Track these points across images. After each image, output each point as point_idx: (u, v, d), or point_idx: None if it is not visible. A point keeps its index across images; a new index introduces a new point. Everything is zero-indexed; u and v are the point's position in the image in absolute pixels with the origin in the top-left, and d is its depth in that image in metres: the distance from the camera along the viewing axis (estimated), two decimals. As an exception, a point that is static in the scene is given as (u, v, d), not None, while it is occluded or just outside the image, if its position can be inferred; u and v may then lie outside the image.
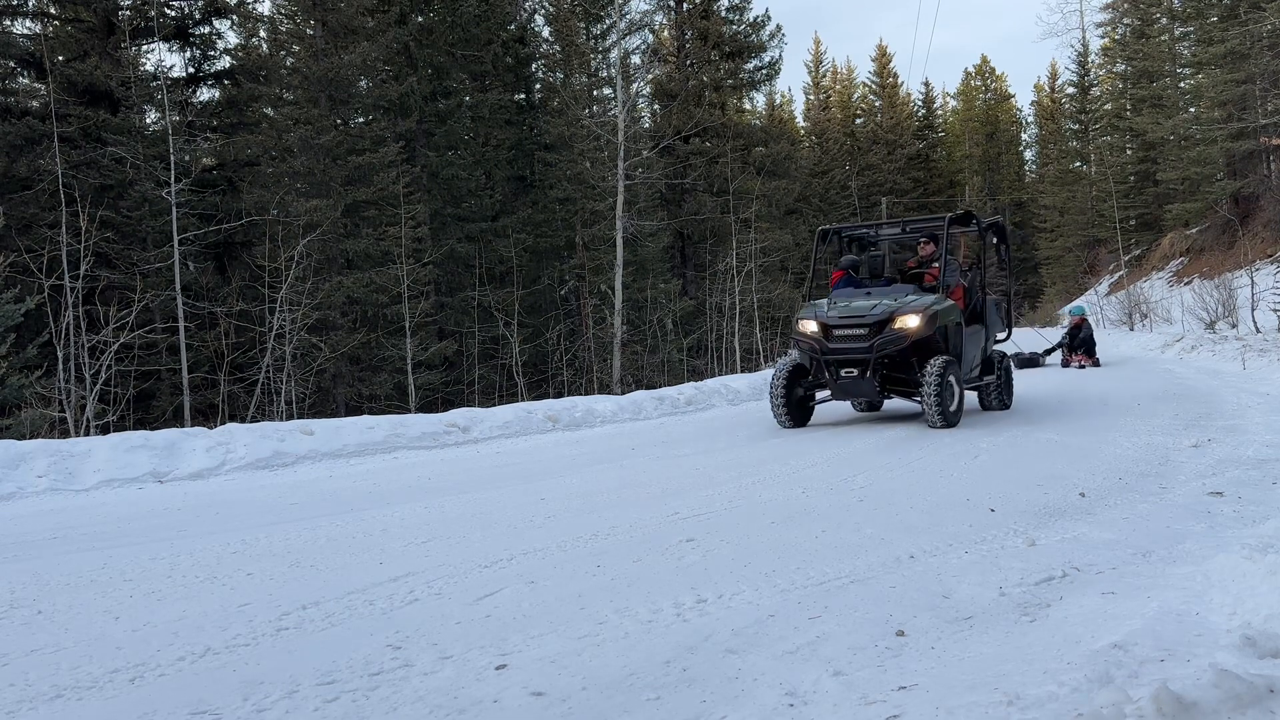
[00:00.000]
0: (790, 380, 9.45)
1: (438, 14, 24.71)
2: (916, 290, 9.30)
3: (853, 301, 9.32)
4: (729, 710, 2.50)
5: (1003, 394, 10.29)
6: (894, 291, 9.36)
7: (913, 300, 9.01)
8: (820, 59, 63.76)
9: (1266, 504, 4.85)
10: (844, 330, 9.04)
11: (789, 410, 9.38)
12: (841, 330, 9.05)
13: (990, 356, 10.16)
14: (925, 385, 8.53)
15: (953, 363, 8.78)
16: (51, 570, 4.33)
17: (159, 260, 16.98)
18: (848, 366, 9.00)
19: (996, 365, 10.20)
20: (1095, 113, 45.04)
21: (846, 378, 9.01)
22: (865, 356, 8.86)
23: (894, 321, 8.83)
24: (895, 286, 9.59)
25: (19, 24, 19.52)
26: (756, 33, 31.31)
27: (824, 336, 9.11)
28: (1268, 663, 2.56)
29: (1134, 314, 26.55)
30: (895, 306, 8.93)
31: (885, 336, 8.79)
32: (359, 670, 2.86)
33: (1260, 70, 25.58)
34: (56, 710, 2.67)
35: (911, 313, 8.83)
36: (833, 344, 9.05)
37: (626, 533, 4.69)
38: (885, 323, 8.87)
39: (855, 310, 9.09)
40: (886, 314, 8.87)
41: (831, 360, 9.07)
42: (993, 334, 10.28)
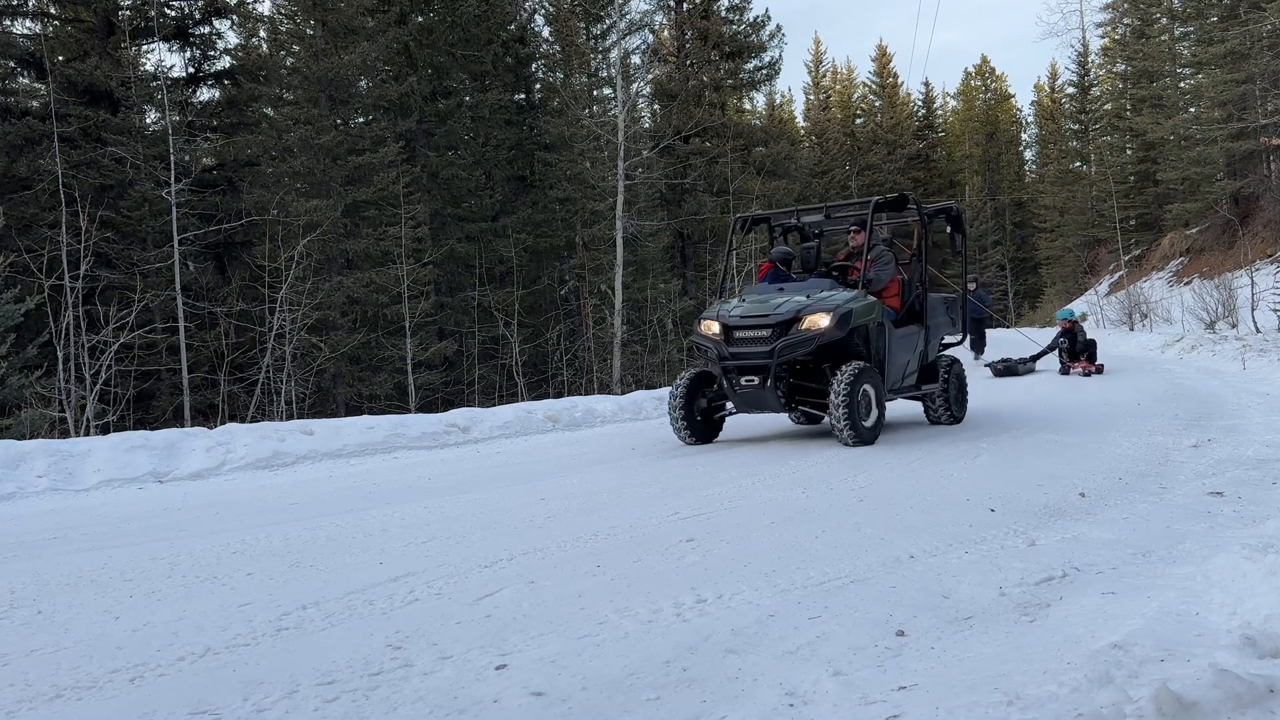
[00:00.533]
0: (693, 389, 8.29)
1: (438, 14, 24.72)
2: (836, 285, 8.18)
3: (761, 299, 8.15)
4: (729, 710, 2.50)
5: (951, 405, 9.03)
6: (810, 287, 8.17)
7: (827, 297, 7.86)
8: (820, 59, 63.78)
9: (1266, 504, 4.85)
10: (745, 332, 7.82)
11: (689, 424, 8.22)
12: (743, 332, 7.83)
13: (935, 362, 9.05)
14: (833, 396, 7.39)
15: (869, 370, 7.63)
16: (51, 570, 4.33)
17: (159, 260, 16.99)
18: (748, 374, 7.78)
19: (943, 372, 9.01)
20: (1095, 113, 45.06)
21: (747, 387, 7.80)
22: (766, 362, 7.65)
23: (801, 322, 7.63)
24: (812, 281, 8.37)
25: (19, 24, 19.53)
26: (756, 33, 31.33)
27: (725, 339, 7.89)
28: (1268, 663, 2.56)
29: (1134, 314, 26.55)
30: (805, 304, 7.75)
31: (789, 339, 7.61)
32: (359, 670, 2.86)
33: (1260, 70, 25.59)
34: (56, 710, 2.67)
35: (821, 311, 7.64)
36: (733, 347, 7.84)
37: (626, 533, 4.69)
38: (791, 323, 7.67)
39: (759, 309, 7.89)
40: (792, 313, 7.69)
41: (731, 366, 7.85)
42: (937, 336, 9.17)
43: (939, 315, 9.20)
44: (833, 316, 7.61)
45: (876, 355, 8.11)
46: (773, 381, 7.71)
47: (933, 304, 9.11)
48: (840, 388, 7.42)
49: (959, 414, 9.20)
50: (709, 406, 8.40)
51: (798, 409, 8.21)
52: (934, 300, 9.21)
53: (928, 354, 8.98)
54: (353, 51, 19.97)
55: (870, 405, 7.67)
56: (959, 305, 9.70)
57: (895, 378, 8.43)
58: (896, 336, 8.39)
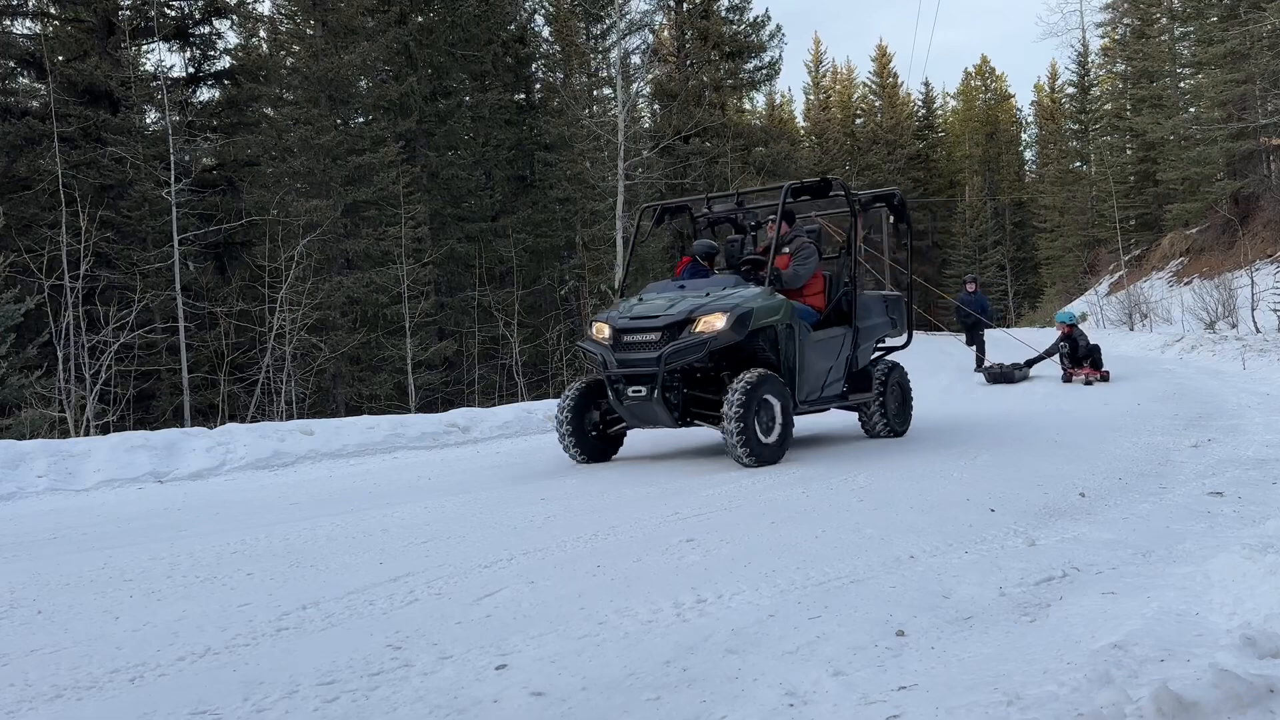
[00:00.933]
0: (585, 401, 7.40)
1: (438, 14, 24.73)
2: (743, 282, 7.29)
3: (657, 299, 7.35)
4: (729, 710, 2.50)
5: (890, 416, 8.15)
6: (714, 284, 7.35)
7: (727, 295, 7.01)
8: (820, 59, 63.78)
9: (1266, 504, 4.85)
10: (634, 336, 6.98)
11: (579, 441, 7.34)
12: (632, 336, 6.99)
13: (868, 369, 8.14)
14: (725, 408, 6.52)
15: (770, 379, 6.76)
16: (51, 570, 4.33)
17: (159, 260, 16.98)
18: (636, 383, 6.89)
19: (879, 379, 8.11)
20: (1095, 113, 45.03)
21: (634, 398, 6.90)
22: (654, 370, 6.76)
23: (694, 324, 6.77)
24: (717, 278, 7.58)
25: (19, 24, 19.54)
26: (756, 33, 31.35)
27: (614, 345, 7.05)
28: (1268, 663, 2.56)
29: (1134, 314, 26.54)
30: (700, 304, 6.90)
31: (679, 344, 6.73)
32: (359, 670, 2.86)
33: (1260, 70, 25.58)
34: (56, 710, 2.67)
35: (717, 312, 6.77)
36: (620, 354, 6.99)
37: (626, 532, 4.69)
38: (682, 326, 6.82)
39: (650, 310, 7.08)
40: (684, 314, 6.83)
41: (618, 375, 6.98)
42: (870, 339, 8.20)
43: (873, 316, 8.25)
44: (729, 317, 6.71)
45: (786, 361, 7.17)
46: (660, 392, 6.75)
47: (865, 303, 8.16)
48: (733, 399, 6.50)
49: (900, 427, 8.25)
50: (603, 420, 7.47)
51: (693, 423, 7.17)
52: (868, 299, 8.27)
53: (857, 359, 7.99)
54: (353, 51, 19.97)
55: (774, 419, 6.76)
56: (903, 305, 8.77)
57: (812, 387, 7.49)
58: (814, 340, 7.46)
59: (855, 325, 7.94)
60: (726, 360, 7.03)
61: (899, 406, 8.34)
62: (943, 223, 60.53)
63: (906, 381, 8.53)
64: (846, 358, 7.88)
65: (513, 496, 5.95)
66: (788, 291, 7.54)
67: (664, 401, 6.84)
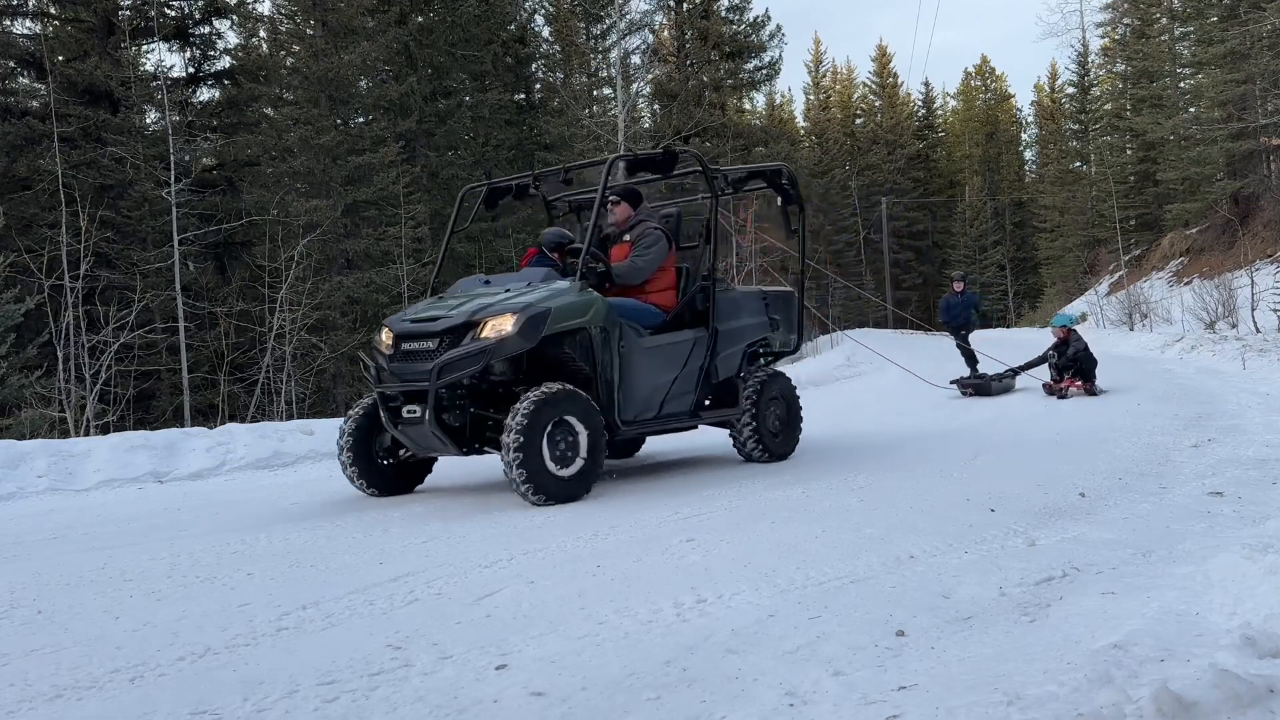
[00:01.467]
0: (372, 422, 6.10)
1: (438, 14, 24.75)
2: (555, 275, 6.14)
3: (453, 297, 6.23)
4: (729, 710, 2.50)
5: (765, 435, 6.87)
6: (523, 278, 6.17)
7: (525, 293, 5.81)
8: (820, 59, 63.80)
9: (1266, 504, 4.85)
10: (412, 343, 5.81)
11: (364, 469, 6.10)
12: (410, 343, 5.82)
13: (733, 380, 6.90)
14: (505, 435, 5.34)
15: (569, 396, 5.54)
16: (51, 570, 4.33)
17: (159, 260, 16.98)
18: (413, 401, 5.65)
19: (752, 392, 6.82)
20: (1095, 113, 45.03)
21: (410, 419, 5.65)
22: (426, 386, 5.52)
23: (480, 327, 5.56)
24: (529, 271, 6.37)
25: (19, 24, 19.55)
26: (756, 33, 31.37)
27: (394, 354, 5.89)
28: (1268, 663, 2.56)
29: (1134, 314, 26.53)
30: (489, 304, 5.71)
31: (455, 354, 5.50)
32: (359, 670, 2.86)
33: (1260, 70, 25.58)
34: (56, 710, 2.67)
35: (507, 313, 5.57)
36: (397, 364, 5.82)
37: (627, 532, 4.69)
38: (465, 330, 5.60)
39: (437, 311, 5.91)
40: (467, 316, 5.63)
41: (392, 391, 5.78)
42: (736, 345, 6.95)
43: (743, 316, 7.04)
44: (517, 319, 5.52)
45: (603, 372, 5.93)
46: (433, 413, 5.47)
47: (729, 302, 6.95)
48: (515, 421, 5.32)
49: (780, 447, 7.02)
50: (395, 445, 6.21)
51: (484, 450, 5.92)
52: (737, 297, 7.13)
53: (717, 369, 6.78)
54: (353, 51, 19.98)
55: (576, 445, 5.58)
56: (792, 304, 7.62)
57: (645, 403, 6.25)
58: (647, 347, 6.25)
59: (714, 328, 6.70)
60: (529, 372, 5.86)
61: (780, 424, 7.06)
62: (943, 223, 60.56)
63: (792, 394, 7.24)
64: (700, 367, 6.62)
65: (512, 496, 5.95)
66: (629, 289, 6.41)
67: (439, 424, 5.55)
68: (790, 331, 7.59)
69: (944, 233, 60.51)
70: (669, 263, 6.71)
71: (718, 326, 6.77)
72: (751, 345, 7.20)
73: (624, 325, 6.12)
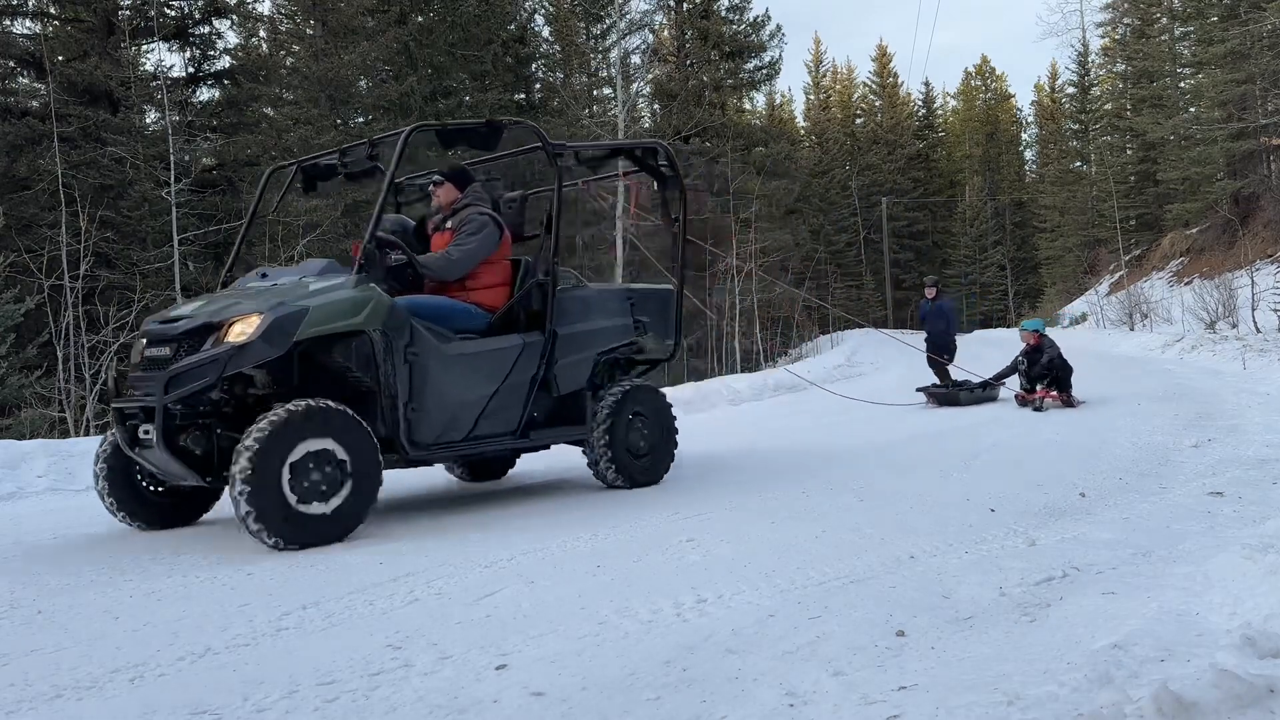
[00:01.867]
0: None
1: (438, 14, 24.75)
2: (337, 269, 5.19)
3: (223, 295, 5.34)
4: (729, 710, 2.50)
5: (623, 459, 5.92)
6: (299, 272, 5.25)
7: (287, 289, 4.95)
8: (820, 59, 63.80)
9: (1266, 504, 4.85)
10: (153, 350, 4.94)
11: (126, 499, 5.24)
12: (151, 350, 4.95)
13: (581, 393, 5.98)
14: (233, 467, 4.41)
15: (328, 415, 4.61)
16: (51, 570, 4.33)
17: (159, 260, 16.98)
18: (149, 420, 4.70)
19: (608, 408, 5.89)
20: (1095, 113, 45.04)
21: (145, 440, 4.77)
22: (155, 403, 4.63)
23: (224, 331, 4.66)
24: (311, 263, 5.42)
25: (19, 24, 19.54)
26: (756, 33, 31.38)
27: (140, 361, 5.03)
28: (1268, 663, 2.56)
29: (1134, 314, 26.54)
30: (240, 304, 4.84)
31: (189, 363, 4.63)
32: (359, 670, 2.86)
33: (1260, 70, 25.58)
34: (56, 710, 2.67)
35: (253, 314, 4.69)
36: (136, 374, 4.99)
37: (626, 532, 4.70)
38: (204, 334, 4.73)
39: (181, 311, 5.11)
40: (209, 318, 4.77)
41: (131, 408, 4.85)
42: (583, 350, 5.96)
43: (595, 318, 6.06)
44: (262, 322, 4.61)
45: (387, 385, 4.94)
46: (161, 435, 4.60)
47: (577, 302, 5.96)
48: (245, 448, 4.40)
49: (644, 472, 6.04)
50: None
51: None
52: (584, 296, 6.08)
53: (556, 380, 5.79)
54: (353, 51, 19.98)
55: (340, 477, 4.62)
56: (669, 304, 6.65)
57: (447, 422, 5.22)
58: (453, 354, 5.26)
59: (552, 331, 5.72)
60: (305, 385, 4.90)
61: (647, 445, 6.09)
62: (943, 223, 60.59)
63: (662, 410, 6.25)
64: (532, 378, 5.62)
65: (512, 496, 5.95)
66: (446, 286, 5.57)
67: (168, 447, 4.64)
68: (666, 336, 6.58)
69: (944, 233, 60.53)
70: (499, 255, 5.73)
71: (557, 330, 5.74)
72: (607, 352, 6.18)
73: (419, 328, 5.10)
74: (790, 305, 27.98)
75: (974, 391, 11.21)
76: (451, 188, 5.89)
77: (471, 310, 5.59)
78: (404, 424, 5.02)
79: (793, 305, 27.96)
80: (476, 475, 6.86)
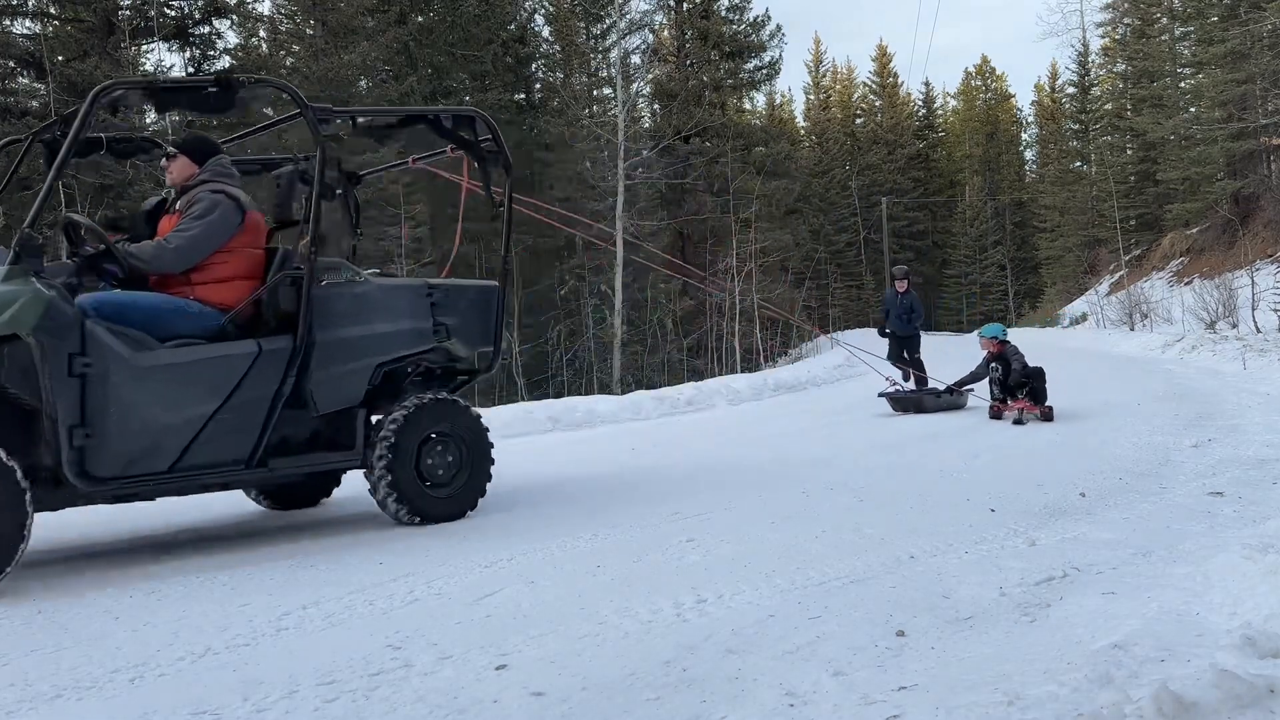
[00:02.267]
0: None
1: (438, 14, 24.77)
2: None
3: None
4: (729, 710, 2.50)
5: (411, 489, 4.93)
6: None
7: None
8: (820, 59, 63.77)
9: (1267, 504, 4.85)
10: None
11: None
12: None
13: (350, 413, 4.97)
14: None
15: None
16: (51, 570, 4.33)
17: (159, 260, 16.97)
18: None
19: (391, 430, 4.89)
20: (1095, 113, 45.02)
21: None
22: None
23: None
24: None
25: (19, 24, 19.53)
26: (756, 33, 31.35)
27: None
28: (1268, 663, 2.56)
29: (1134, 314, 26.53)
30: None
31: None
32: (359, 670, 2.86)
33: (1260, 70, 25.57)
34: (56, 710, 2.67)
35: None
36: None
37: (626, 532, 4.70)
38: None
39: None
40: None
41: None
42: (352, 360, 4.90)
43: (373, 321, 4.99)
44: None
45: (48, 403, 3.98)
46: None
47: (349, 300, 4.95)
48: None
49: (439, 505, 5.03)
50: None
51: None
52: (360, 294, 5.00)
53: (313, 396, 4.76)
54: (353, 51, 19.99)
55: None
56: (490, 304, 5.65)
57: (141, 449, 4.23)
58: (147, 365, 4.23)
59: (309, 338, 4.69)
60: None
61: (451, 472, 5.10)
62: (943, 223, 60.59)
63: (471, 430, 5.20)
64: (275, 393, 4.59)
65: (512, 496, 5.95)
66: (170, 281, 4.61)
67: None
68: (482, 342, 5.53)
69: (944, 233, 60.50)
70: (242, 242, 4.76)
71: (316, 335, 4.72)
72: (391, 362, 5.09)
73: (99, 333, 4.09)
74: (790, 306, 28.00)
75: (940, 397, 10.46)
76: (187, 162, 4.86)
77: (194, 310, 4.53)
78: (70, 452, 3.98)
79: (792, 306, 27.98)
80: (281, 503, 5.73)
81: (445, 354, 5.38)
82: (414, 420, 4.98)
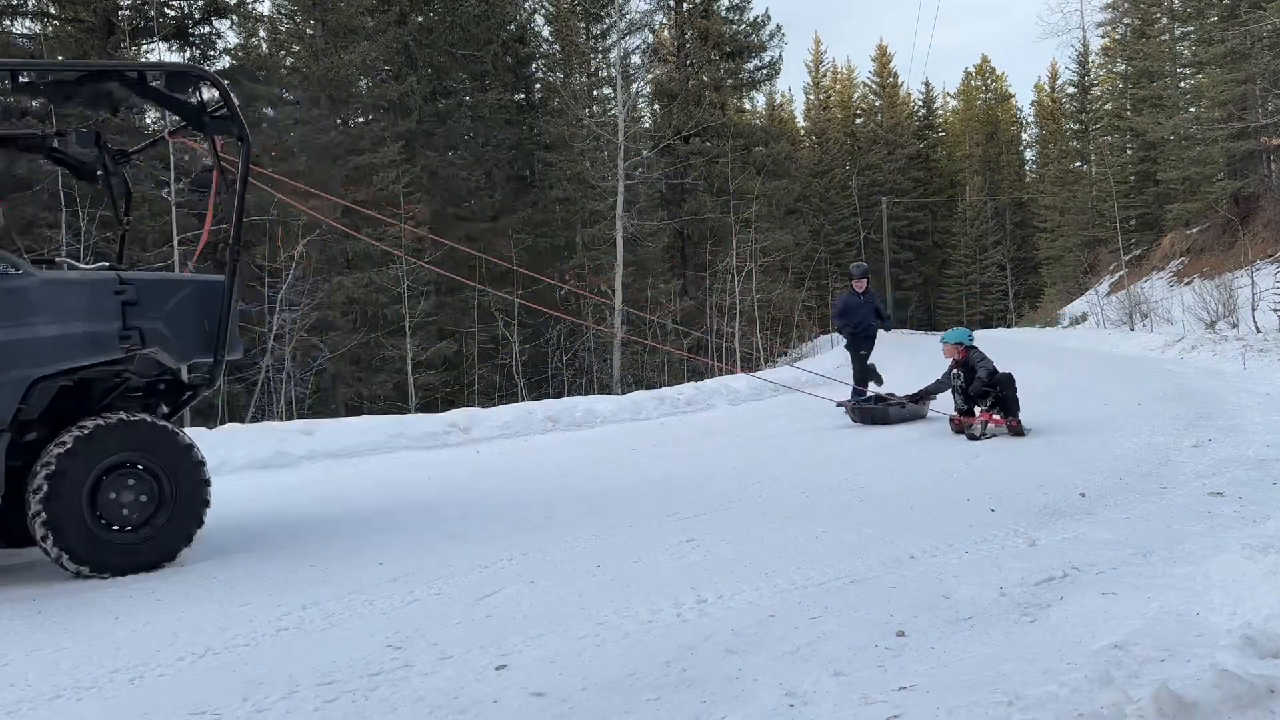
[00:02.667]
0: None
1: (438, 14, 24.76)
2: None
3: None
4: (729, 710, 2.50)
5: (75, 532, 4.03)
6: None
7: None
8: (820, 59, 63.74)
9: (1266, 504, 4.85)
10: None
11: None
12: None
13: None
14: None
15: None
16: (51, 570, 4.33)
17: (159, 260, 16.95)
18: None
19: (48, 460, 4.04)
20: (1095, 113, 45.00)
21: None
22: None
23: None
24: None
25: (19, 24, 19.54)
26: (756, 33, 31.34)
27: None
28: (1268, 663, 2.56)
29: (1134, 314, 26.52)
30: None
31: None
32: (359, 670, 2.86)
33: (1260, 70, 25.57)
34: (56, 710, 2.67)
35: None
36: None
37: (626, 532, 4.69)
38: None
39: None
40: None
41: None
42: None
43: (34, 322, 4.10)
44: None
45: None
46: None
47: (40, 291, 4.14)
48: None
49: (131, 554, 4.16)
50: None
51: None
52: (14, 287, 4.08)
53: None
54: (353, 51, 19.98)
55: None
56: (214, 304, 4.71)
57: None
58: None
59: None
60: None
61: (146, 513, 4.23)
62: (943, 223, 60.58)
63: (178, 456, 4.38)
64: None
65: (512, 497, 5.95)
66: None
67: None
68: (199, 352, 4.62)
69: (944, 233, 60.49)
70: None
71: None
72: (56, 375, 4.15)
73: None
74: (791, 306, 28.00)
75: (905, 407, 9.63)
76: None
77: None
78: None
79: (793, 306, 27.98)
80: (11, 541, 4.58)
81: (149, 365, 4.38)
82: (89, 446, 4.08)
